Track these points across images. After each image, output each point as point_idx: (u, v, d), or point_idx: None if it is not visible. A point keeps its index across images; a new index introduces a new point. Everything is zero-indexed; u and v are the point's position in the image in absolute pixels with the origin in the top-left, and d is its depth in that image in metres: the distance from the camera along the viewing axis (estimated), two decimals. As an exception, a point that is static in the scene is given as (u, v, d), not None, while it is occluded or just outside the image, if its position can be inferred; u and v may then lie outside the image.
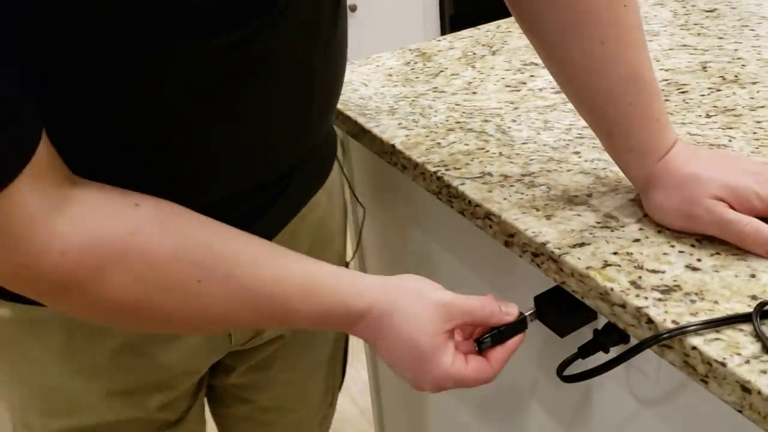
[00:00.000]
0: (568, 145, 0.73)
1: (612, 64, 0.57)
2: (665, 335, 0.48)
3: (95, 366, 0.62)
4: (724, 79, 0.81)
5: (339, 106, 0.87)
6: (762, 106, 0.74)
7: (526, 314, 0.58)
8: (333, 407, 0.90)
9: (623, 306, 0.52)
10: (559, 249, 0.57)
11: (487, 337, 0.58)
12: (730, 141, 0.69)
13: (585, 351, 0.57)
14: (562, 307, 0.59)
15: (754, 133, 0.69)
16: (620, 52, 0.57)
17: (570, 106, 0.67)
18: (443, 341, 0.54)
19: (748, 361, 0.45)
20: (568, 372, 0.56)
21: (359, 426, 1.71)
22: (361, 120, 0.83)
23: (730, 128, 0.71)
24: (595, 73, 0.58)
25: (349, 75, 0.96)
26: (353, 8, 2.42)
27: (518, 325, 0.58)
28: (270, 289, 0.51)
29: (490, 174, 0.70)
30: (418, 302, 0.54)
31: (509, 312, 0.56)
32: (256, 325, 0.61)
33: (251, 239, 0.52)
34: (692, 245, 0.56)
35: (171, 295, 0.48)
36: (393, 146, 0.77)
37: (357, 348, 1.62)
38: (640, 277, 0.53)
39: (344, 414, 1.72)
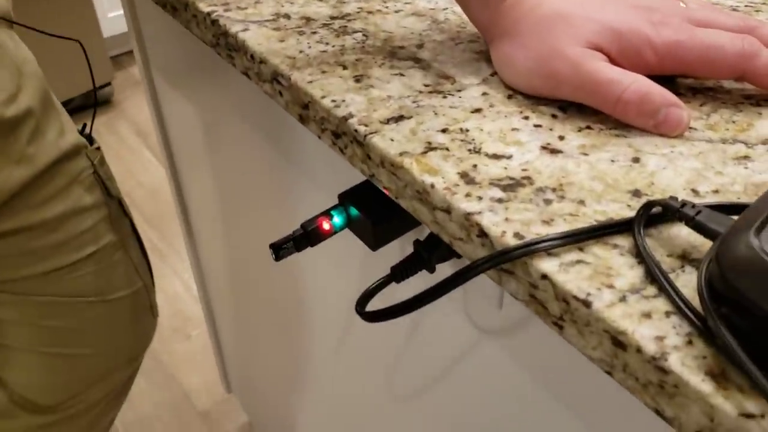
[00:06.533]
0: (401, -22, 0.52)
1: None
2: (499, 257, 0.30)
3: None
4: None
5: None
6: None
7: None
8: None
9: (447, 211, 0.34)
10: (367, 126, 0.38)
11: (290, 242, 0.41)
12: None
13: (401, 271, 0.40)
14: (374, 209, 0.41)
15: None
16: None
17: None
18: None
19: (623, 298, 0.29)
20: (378, 305, 0.39)
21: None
22: (120, -58, 0.58)
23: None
24: None
25: None
26: None
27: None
28: None
29: (287, 16, 0.48)
30: None
31: None
32: None
33: None
34: (554, 116, 0.38)
35: None
36: (157, -22, 0.54)
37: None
38: (475, 165, 0.35)
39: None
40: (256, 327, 0.93)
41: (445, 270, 0.43)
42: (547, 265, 0.30)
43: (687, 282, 0.29)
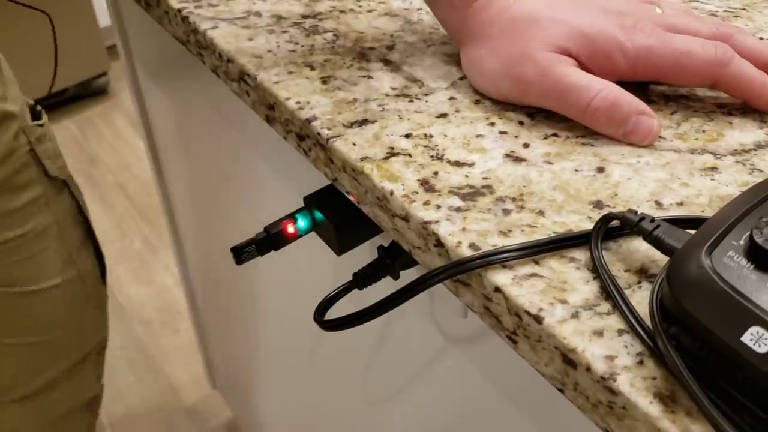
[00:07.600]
0: (378, -24, 0.51)
1: None
2: (453, 268, 0.30)
3: None
4: None
5: None
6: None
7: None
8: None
9: (406, 219, 0.33)
10: (330, 129, 0.38)
11: (252, 246, 0.41)
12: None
13: (363, 278, 0.39)
14: (338, 213, 0.41)
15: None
16: None
17: None
18: None
19: (576, 314, 0.28)
20: (338, 311, 0.38)
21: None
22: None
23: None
24: None
25: None
26: None
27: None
28: None
29: (258, 14, 0.48)
30: None
31: None
32: None
33: None
34: (520, 123, 0.38)
35: None
36: (129, -27, 0.53)
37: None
38: (436, 173, 0.34)
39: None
40: (237, 323, 0.93)
41: (411, 277, 0.42)
42: (500, 277, 0.29)
43: (643, 298, 0.28)
